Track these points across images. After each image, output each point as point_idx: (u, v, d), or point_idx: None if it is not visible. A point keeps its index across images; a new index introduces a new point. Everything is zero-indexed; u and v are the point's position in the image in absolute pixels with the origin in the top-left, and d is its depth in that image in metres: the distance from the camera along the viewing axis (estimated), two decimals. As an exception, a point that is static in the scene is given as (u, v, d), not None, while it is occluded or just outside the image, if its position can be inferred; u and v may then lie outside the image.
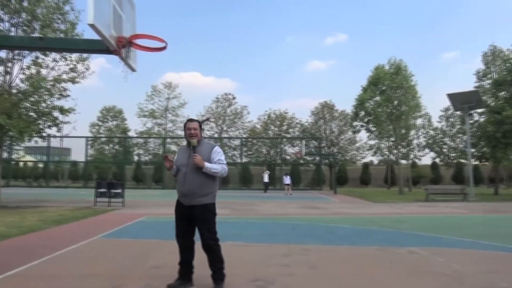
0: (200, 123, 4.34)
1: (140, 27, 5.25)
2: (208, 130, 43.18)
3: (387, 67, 27.71)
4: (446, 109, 38.16)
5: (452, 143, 38.75)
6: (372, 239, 7.65)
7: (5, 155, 31.60)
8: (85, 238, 7.14)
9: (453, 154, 38.32)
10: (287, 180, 28.07)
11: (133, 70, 4.85)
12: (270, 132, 43.84)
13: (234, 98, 44.33)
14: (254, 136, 42.86)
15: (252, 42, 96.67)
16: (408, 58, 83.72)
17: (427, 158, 42.49)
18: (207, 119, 40.98)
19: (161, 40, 4.55)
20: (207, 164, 3.96)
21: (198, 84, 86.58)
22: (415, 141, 38.36)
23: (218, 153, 4.14)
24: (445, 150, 38.64)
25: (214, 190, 4.14)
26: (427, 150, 39.56)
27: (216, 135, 42.90)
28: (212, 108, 43.70)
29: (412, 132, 34.91)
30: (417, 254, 6.06)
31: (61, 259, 5.49)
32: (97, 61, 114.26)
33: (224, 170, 4.12)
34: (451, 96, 22.45)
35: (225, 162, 4.20)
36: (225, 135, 43.10)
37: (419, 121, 34.19)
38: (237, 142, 41.73)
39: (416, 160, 41.61)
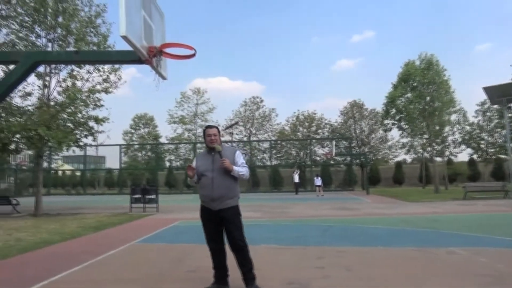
0: (217, 128, 4.42)
1: (168, 36, 5.38)
2: (237, 134, 43.51)
3: (417, 63, 26.97)
4: (482, 103, 36.62)
5: (490, 138, 37.08)
6: (408, 239, 7.45)
7: (45, 164, 33.10)
8: (123, 244, 7.35)
9: (492, 150, 36.65)
10: (318, 181, 27.77)
11: (163, 78, 4.96)
12: (299, 133, 43.63)
13: (262, 101, 44.48)
14: (283, 138, 42.78)
15: (278, 44, 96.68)
16: (439, 52, 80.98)
17: (463, 155, 41.19)
18: (236, 123, 41.29)
19: (190, 48, 4.64)
20: (235, 168, 4.06)
21: (226, 89, 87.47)
22: (450, 138, 37.01)
23: (240, 157, 4.27)
24: (482, 145, 37.03)
25: (239, 192, 4.26)
26: (463, 147, 38.06)
27: (245, 139, 43.12)
28: (241, 111, 44.00)
29: (447, 128, 33.72)
30: (457, 254, 5.85)
31: (101, 264, 5.68)
32: (128, 71, 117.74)
33: (248, 173, 4.26)
34: (487, 90, 21.51)
35: (246, 164, 4.32)
36: (254, 138, 43.24)
37: (453, 117, 32.98)
38: (266, 145, 41.77)
39: (452, 157, 40.17)
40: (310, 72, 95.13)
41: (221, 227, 4.14)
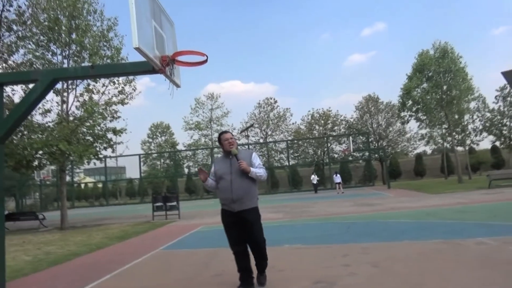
0: (232, 134, 4.52)
1: (178, 42, 5.44)
2: (253, 136, 43.57)
3: (431, 52, 26.48)
4: (502, 88, 35.69)
5: (512, 123, 36.09)
6: (435, 232, 7.31)
7: (67, 178, 33.85)
8: (148, 252, 7.45)
9: (515, 136, 35.65)
10: (337, 178, 27.51)
11: (177, 86, 5.02)
12: (315, 132, 43.40)
13: (275, 101, 44.45)
14: (299, 137, 42.62)
15: (288, 44, 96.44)
16: (453, 39, 79.37)
17: (486, 143, 40.07)
18: (251, 126, 41.36)
19: (202, 54, 4.69)
20: (252, 169, 4.16)
21: (239, 92, 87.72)
22: (470, 126, 36.20)
23: (257, 158, 4.37)
24: (505, 132, 36.05)
25: (257, 193, 4.37)
26: (485, 134, 37.17)
27: (261, 140, 43.14)
28: (255, 114, 44.07)
29: (466, 117, 33.04)
30: (486, 244, 5.71)
31: (129, 273, 5.77)
32: (142, 81, 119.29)
33: (266, 173, 4.35)
34: (506, 74, 20.85)
35: (263, 165, 4.42)
36: (270, 139, 43.22)
37: (472, 104, 32.23)
38: (283, 145, 41.69)
39: (474, 146, 39.27)
40: (322, 69, 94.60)
41: (243, 229, 4.19)
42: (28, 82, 4.89)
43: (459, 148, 35.89)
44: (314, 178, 29.97)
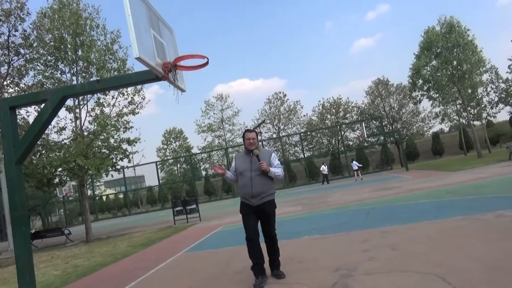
0: (256, 132, 4.81)
1: (182, 47, 5.53)
2: (266, 132, 43.62)
3: (438, 28, 26.03)
4: (514, 57, 34.86)
5: (529, 91, 35.22)
6: (454, 210, 7.25)
7: (89, 192, 34.56)
8: (172, 255, 7.61)
9: (533, 103, 34.81)
10: (354, 165, 27.25)
11: (182, 90, 5.11)
12: (327, 121, 43.17)
13: (285, 95, 44.40)
14: (312, 129, 42.46)
15: (292, 36, 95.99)
16: (460, 13, 77.65)
17: (503, 114, 39.35)
18: (263, 122, 41.40)
19: (202, 57, 4.77)
20: (271, 169, 4.51)
21: (248, 90, 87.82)
22: (485, 99, 35.50)
23: (276, 158, 4.70)
24: (522, 101, 35.26)
25: (274, 187, 4.70)
26: (501, 106, 36.41)
27: (274, 135, 43.15)
28: (266, 110, 44.09)
29: (480, 90, 32.41)
30: (507, 217, 5.65)
31: (155, 277, 5.92)
32: (151, 90, 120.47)
33: (283, 172, 4.72)
34: (516, 42, 20.47)
35: (281, 165, 4.79)
36: (283, 134, 43.17)
37: (485, 77, 31.61)
38: (296, 138, 41.60)
39: (491, 119, 38.51)
40: (329, 58, 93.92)
41: (259, 219, 4.55)
42: (38, 102, 5.05)
43: (476, 123, 35.24)
44: (325, 169, 29.84)
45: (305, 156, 39.64)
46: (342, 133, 40.60)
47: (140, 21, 4.36)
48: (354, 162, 27.64)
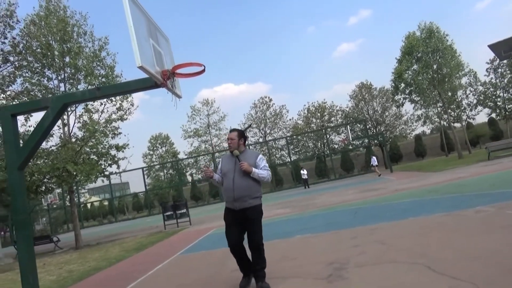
0: (239, 131, 4.55)
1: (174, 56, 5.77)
2: (252, 137, 43.92)
3: (418, 33, 26.87)
4: (492, 61, 36.11)
5: (506, 94, 36.47)
6: (437, 207, 7.65)
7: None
8: (167, 258, 7.78)
9: (510, 106, 36.03)
10: (374, 161, 26.12)
11: (179, 97, 5.34)
12: (313, 125, 43.78)
13: (270, 100, 44.84)
14: (298, 132, 42.99)
15: (275, 41, 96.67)
16: (440, 17, 79.89)
17: (482, 116, 40.53)
18: (249, 126, 41.70)
19: (199, 65, 5.02)
20: (254, 170, 4.22)
21: (233, 94, 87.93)
22: (464, 101, 36.62)
23: (263, 160, 4.42)
24: (499, 103, 36.46)
25: (261, 193, 4.41)
26: (479, 108, 37.59)
27: (261, 139, 43.47)
28: (252, 114, 44.43)
29: (460, 93, 33.45)
30: (485, 212, 6.06)
31: (153, 277, 6.10)
32: (136, 95, 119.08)
33: (270, 176, 4.38)
34: (493, 47, 21.09)
35: (268, 168, 4.44)
36: (269, 138, 43.54)
37: (464, 80, 32.67)
38: (282, 142, 42.03)
39: (470, 121, 39.70)
40: (312, 62, 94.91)
41: (243, 227, 4.26)
42: (39, 110, 5.21)
43: (457, 125, 36.26)
44: (304, 174, 30.17)
45: (292, 159, 40.09)
46: (328, 136, 41.22)
47: (140, 32, 4.58)
48: (374, 158, 26.67)
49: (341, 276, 4.09)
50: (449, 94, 29.45)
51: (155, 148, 46.61)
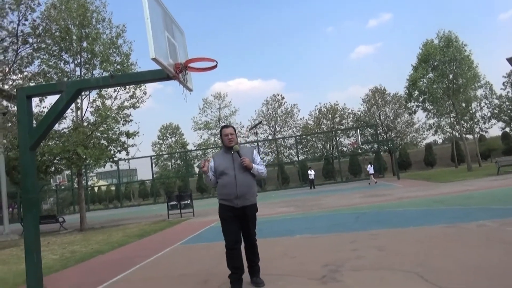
0: (234, 127, 4.55)
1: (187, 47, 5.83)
2: (262, 133, 43.96)
3: (436, 42, 26.58)
4: (509, 74, 35.63)
5: (521, 109, 35.93)
6: (440, 218, 7.64)
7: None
8: (168, 246, 7.91)
9: (525, 121, 35.49)
10: (371, 169, 26.51)
11: (190, 90, 5.42)
12: (323, 126, 43.64)
13: (283, 98, 44.78)
14: (307, 132, 42.91)
15: (293, 39, 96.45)
16: (461, 27, 78.73)
17: (496, 129, 39.96)
18: (259, 123, 41.74)
19: (212, 60, 5.09)
20: (254, 166, 4.19)
21: (246, 89, 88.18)
22: (478, 113, 36.16)
23: (258, 155, 4.40)
24: (514, 117, 35.96)
25: (256, 190, 4.41)
26: (493, 121, 37.10)
27: (270, 137, 43.52)
28: (263, 111, 44.45)
29: (474, 104, 33.05)
30: (487, 226, 6.04)
31: (153, 264, 6.23)
32: (150, 84, 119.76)
33: (266, 171, 4.39)
34: (511, 60, 21.04)
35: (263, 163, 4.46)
36: (279, 136, 43.57)
37: (479, 92, 32.26)
38: (291, 141, 42.03)
39: (484, 133, 39.23)
40: (328, 63, 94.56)
41: (241, 224, 4.19)
42: (54, 93, 5.33)
43: (469, 136, 35.86)
44: (311, 174, 30.17)
45: (299, 159, 40.05)
46: (337, 138, 41.10)
47: (156, 24, 4.65)
48: (370, 165, 26.96)
49: (334, 278, 4.14)
50: (463, 105, 29.13)
51: (164, 138, 46.97)
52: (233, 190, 4.08)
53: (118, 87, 15.60)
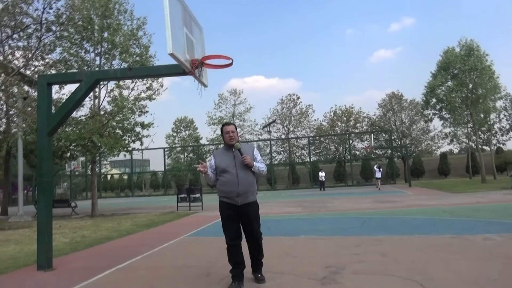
0: (235, 125, 4.58)
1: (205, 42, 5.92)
2: (275, 132, 44.01)
3: (457, 50, 26.15)
4: (532, 87, 34.75)
5: (541, 123, 35.12)
6: (447, 228, 7.61)
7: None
8: (174, 238, 8.06)
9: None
10: (378, 174, 26.43)
11: (205, 86, 5.53)
12: (337, 128, 43.45)
13: (298, 98, 44.78)
14: (321, 134, 42.79)
15: (313, 39, 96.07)
16: (485, 36, 77.17)
17: (515, 143, 39.13)
18: (273, 121, 41.79)
19: (228, 58, 5.18)
20: (255, 163, 4.21)
21: (262, 87, 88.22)
22: (496, 125, 35.47)
23: (258, 153, 4.41)
24: (534, 131, 35.18)
25: (256, 187, 4.42)
26: (512, 134, 36.37)
27: (283, 136, 43.53)
28: (278, 110, 44.48)
29: (493, 116, 32.43)
30: (492, 240, 6.01)
31: (158, 254, 6.38)
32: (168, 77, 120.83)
33: (266, 168, 4.42)
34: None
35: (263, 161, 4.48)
36: (292, 135, 43.55)
37: (499, 103, 31.61)
38: (304, 141, 41.98)
39: (501, 146, 38.49)
40: (347, 65, 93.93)
41: (242, 222, 4.23)
42: (73, 82, 5.50)
43: (486, 148, 35.23)
44: (322, 176, 30.11)
45: (311, 160, 39.99)
46: (350, 142, 40.88)
47: (175, 20, 4.75)
48: (378, 170, 26.71)
49: (334, 280, 4.21)
50: (481, 115, 28.61)
51: (178, 131, 47.41)
52: (235, 188, 4.09)
53: (136, 79, 15.90)
